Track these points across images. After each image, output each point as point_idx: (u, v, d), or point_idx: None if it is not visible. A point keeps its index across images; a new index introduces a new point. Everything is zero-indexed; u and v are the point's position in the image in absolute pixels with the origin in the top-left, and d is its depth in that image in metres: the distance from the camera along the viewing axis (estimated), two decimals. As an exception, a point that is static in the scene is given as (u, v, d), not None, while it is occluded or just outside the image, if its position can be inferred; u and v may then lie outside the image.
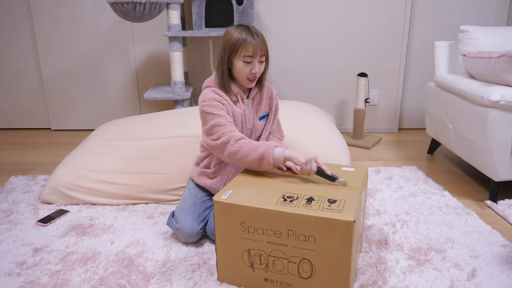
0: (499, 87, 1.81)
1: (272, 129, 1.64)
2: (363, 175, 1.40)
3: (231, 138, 1.39)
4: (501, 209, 1.82)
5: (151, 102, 3.17)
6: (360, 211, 1.26)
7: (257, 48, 1.41)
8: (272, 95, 1.61)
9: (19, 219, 1.73)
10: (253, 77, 1.46)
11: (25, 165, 2.44)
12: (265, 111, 1.59)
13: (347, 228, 1.11)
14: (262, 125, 1.59)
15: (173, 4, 2.41)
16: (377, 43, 3.02)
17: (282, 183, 1.34)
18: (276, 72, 3.07)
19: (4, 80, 3.13)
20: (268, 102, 1.60)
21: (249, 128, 1.55)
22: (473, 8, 3.00)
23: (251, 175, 1.41)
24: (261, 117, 1.58)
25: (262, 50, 1.43)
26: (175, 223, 1.51)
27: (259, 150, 1.35)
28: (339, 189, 1.29)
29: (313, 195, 1.25)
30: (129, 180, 1.85)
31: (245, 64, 1.43)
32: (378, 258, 1.44)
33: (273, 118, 1.62)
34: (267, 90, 1.60)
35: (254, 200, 1.22)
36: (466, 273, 1.35)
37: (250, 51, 1.40)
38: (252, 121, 1.55)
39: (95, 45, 3.04)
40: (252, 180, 1.37)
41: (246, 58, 1.42)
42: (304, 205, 1.19)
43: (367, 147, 2.76)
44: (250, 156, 1.36)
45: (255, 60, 1.43)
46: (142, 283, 1.31)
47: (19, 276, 1.35)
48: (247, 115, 1.53)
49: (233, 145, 1.38)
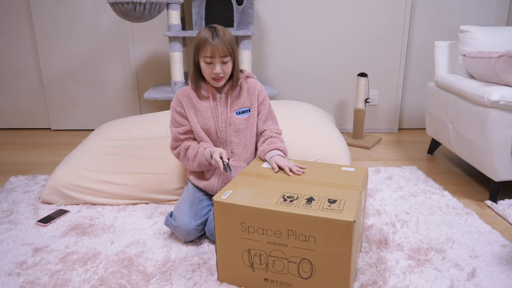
0: (499, 87, 1.81)
1: (267, 125, 1.64)
2: (363, 175, 1.40)
3: (180, 151, 1.60)
4: (501, 209, 1.82)
5: (151, 102, 3.17)
6: (360, 211, 1.26)
7: (215, 50, 1.44)
8: (254, 91, 1.61)
9: (19, 219, 1.73)
10: (217, 77, 1.50)
11: (25, 165, 2.44)
12: (245, 106, 1.61)
13: (347, 228, 1.11)
14: (242, 119, 1.60)
15: (173, 4, 2.41)
16: (377, 43, 3.02)
17: (282, 183, 1.34)
18: (276, 72, 3.07)
19: (4, 80, 3.13)
20: (249, 98, 1.61)
21: (224, 121, 1.58)
22: (473, 8, 3.00)
23: (251, 175, 1.41)
24: (240, 112, 1.60)
25: (221, 52, 1.45)
26: (173, 221, 1.52)
27: (196, 158, 1.56)
28: (339, 189, 1.29)
29: (313, 195, 1.25)
30: (129, 180, 1.85)
31: (207, 65, 1.48)
32: (378, 258, 1.44)
33: (258, 113, 1.63)
34: (249, 86, 1.61)
35: (254, 200, 1.22)
36: (466, 273, 1.35)
37: (208, 52, 1.45)
38: (225, 115, 1.58)
39: (95, 45, 3.04)
40: (252, 180, 1.37)
41: (206, 58, 1.46)
42: (304, 205, 1.19)
43: (367, 147, 2.76)
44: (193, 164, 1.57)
45: (216, 61, 1.47)
46: (142, 283, 1.31)
47: (19, 276, 1.35)
48: (219, 109, 1.58)
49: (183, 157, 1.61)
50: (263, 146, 1.57)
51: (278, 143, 1.56)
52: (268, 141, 1.58)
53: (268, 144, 1.56)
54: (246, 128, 1.61)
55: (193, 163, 1.58)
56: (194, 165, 1.58)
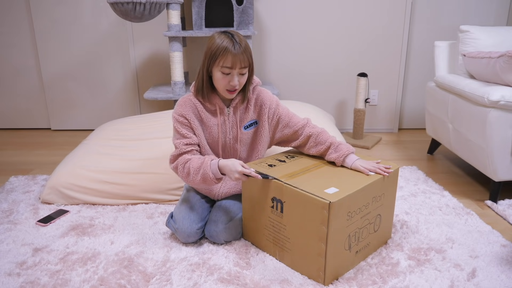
0: (499, 87, 1.81)
1: (293, 122, 1.52)
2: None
3: (178, 164, 1.43)
4: (501, 209, 1.82)
5: (151, 102, 3.17)
6: None
7: (236, 60, 1.32)
8: (263, 104, 1.50)
9: (19, 219, 1.73)
10: (232, 89, 1.38)
11: (25, 165, 2.44)
12: (252, 118, 1.51)
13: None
14: (250, 133, 1.51)
15: (173, 4, 2.41)
16: (377, 43, 3.02)
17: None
18: (276, 72, 3.07)
19: (4, 80, 3.13)
20: (258, 110, 1.51)
21: (232, 138, 1.49)
22: (473, 8, 3.01)
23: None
24: (248, 126, 1.50)
25: (243, 62, 1.34)
26: (174, 224, 1.52)
27: (200, 171, 1.39)
28: None
29: None
30: (129, 180, 1.85)
31: (223, 75, 1.35)
32: (378, 258, 1.44)
33: (278, 120, 1.52)
34: (257, 97, 1.50)
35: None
36: (466, 273, 1.35)
37: (229, 62, 1.32)
38: (235, 130, 1.48)
39: (95, 45, 3.04)
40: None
41: (224, 69, 1.34)
42: None
43: (367, 147, 2.76)
44: (196, 179, 1.40)
45: (235, 72, 1.34)
46: (142, 283, 1.31)
47: (19, 276, 1.35)
48: (227, 125, 1.47)
49: (181, 170, 1.43)
50: (329, 153, 1.48)
51: (334, 141, 1.49)
52: (324, 144, 1.49)
53: (331, 148, 1.48)
54: (253, 142, 1.54)
55: (195, 176, 1.39)
56: (196, 179, 1.39)
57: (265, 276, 1.34)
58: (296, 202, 1.28)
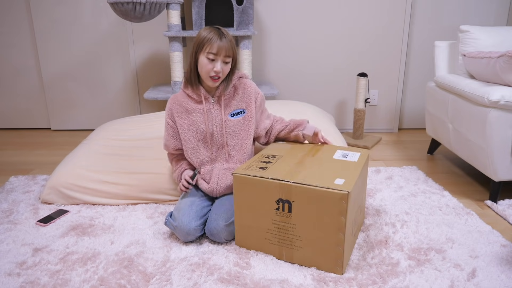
0: (499, 87, 1.81)
1: (270, 120, 1.71)
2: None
3: None
4: (501, 209, 1.82)
5: (151, 102, 3.17)
6: None
7: (222, 47, 1.46)
8: (251, 93, 1.62)
9: (19, 219, 1.73)
10: (216, 76, 1.50)
11: (25, 165, 2.44)
12: (239, 107, 1.61)
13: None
14: (237, 121, 1.60)
15: (173, 4, 2.41)
16: (377, 43, 3.02)
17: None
18: (276, 72, 3.07)
19: (4, 80, 3.13)
20: (245, 99, 1.61)
21: (218, 125, 1.58)
22: (473, 8, 3.01)
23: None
24: (235, 114, 1.60)
25: (227, 51, 1.48)
26: (173, 222, 1.52)
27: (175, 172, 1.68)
28: None
29: None
30: (129, 180, 1.85)
31: (208, 61, 1.48)
32: (378, 258, 1.44)
33: (256, 112, 1.64)
34: (245, 87, 1.62)
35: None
36: (466, 273, 1.35)
37: (214, 49, 1.46)
38: (219, 117, 1.58)
39: (95, 45, 3.04)
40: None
41: (209, 54, 1.47)
42: None
43: (367, 147, 2.76)
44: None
45: (219, 59, 1.48)
46: (142, 283, 1.31)
47: (19, 276, 1.35)
48: (212, 112, 1.58)
49: None
50: (287, 129, 1.70)
51: (291, 120, 1.72)
52: (287, 126, 1.70)
53: (291, 124, 1.70)
54: (241, 130, 1.61)
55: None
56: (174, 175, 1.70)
57: (265, 276, 1.34)
58: (309, 199, 1.30)
